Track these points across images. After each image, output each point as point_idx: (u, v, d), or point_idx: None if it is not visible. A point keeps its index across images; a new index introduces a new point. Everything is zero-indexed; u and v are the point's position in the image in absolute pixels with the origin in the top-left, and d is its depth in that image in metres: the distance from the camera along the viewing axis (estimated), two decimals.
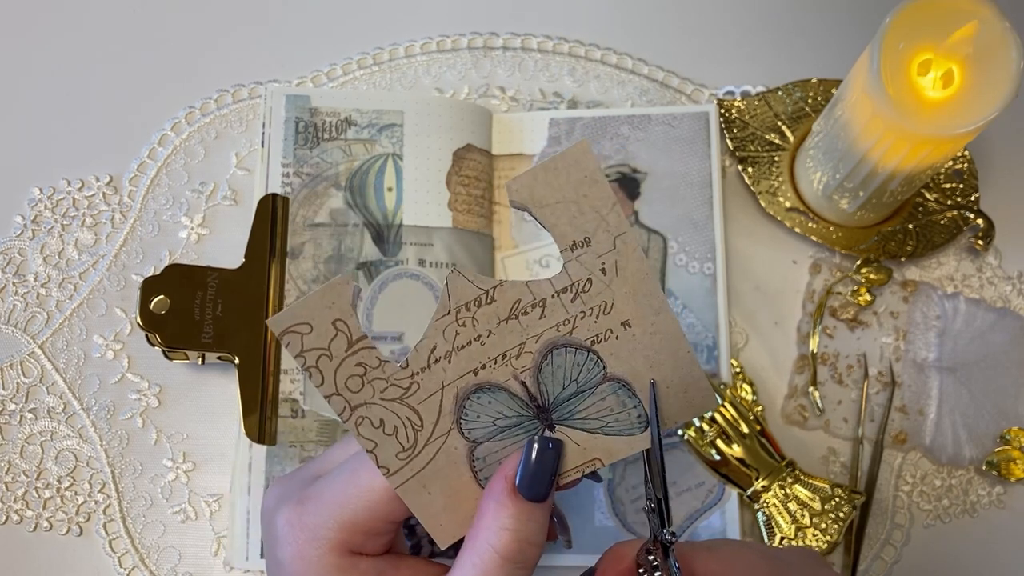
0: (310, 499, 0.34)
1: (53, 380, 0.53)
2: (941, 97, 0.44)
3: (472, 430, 0.34)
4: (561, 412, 0.35)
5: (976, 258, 0.55)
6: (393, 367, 0.33)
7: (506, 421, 0.34)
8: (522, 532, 0.33)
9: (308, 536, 0.34)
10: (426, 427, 0.33)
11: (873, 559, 0.51)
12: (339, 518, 0.34)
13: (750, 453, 0.50)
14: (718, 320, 0.52)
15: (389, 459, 0.33)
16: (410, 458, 0.33)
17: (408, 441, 0.33)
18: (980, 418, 0.52)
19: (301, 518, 0.34)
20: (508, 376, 0.34)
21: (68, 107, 0.58)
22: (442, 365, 0.33)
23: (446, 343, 0.33)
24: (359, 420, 0.33)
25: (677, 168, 0.55)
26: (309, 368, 0.32)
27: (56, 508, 0.51)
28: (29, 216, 0.55)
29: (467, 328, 0.33)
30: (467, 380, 0.33)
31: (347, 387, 0.33)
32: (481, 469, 0.34)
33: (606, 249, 0.33)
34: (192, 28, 0.59)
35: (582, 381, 0.34)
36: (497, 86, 0.58)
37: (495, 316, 0.33)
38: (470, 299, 0.33)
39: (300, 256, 0.51)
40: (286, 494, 0.36)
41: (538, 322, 0.34)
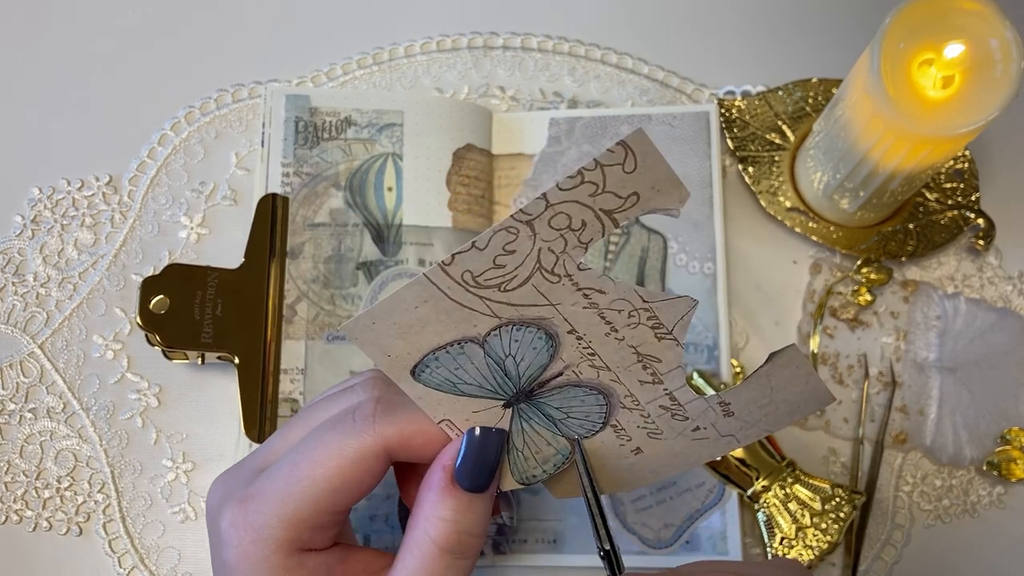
0: (252, 497, 0.33)
1: (53, 380, 0.53)
2: (942, 97, 0.44)
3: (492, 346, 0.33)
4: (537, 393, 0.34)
5: (977, 258, 0.55)
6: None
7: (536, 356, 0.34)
8: (461, 523, 0.32)
9: (252, 536, 0.33)
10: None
11: (873, 559, 0.51)
12: (282, 515, 0.32)
13: (750, 453, 0.50)
14: (718, 320, 0.52)
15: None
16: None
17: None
18: (981, 418, 0.52)
19: (245, 518, 0.33)
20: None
21: (68, 107, 0.58)
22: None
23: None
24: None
25: (677, 168, 0.54)
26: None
27: (56, 508, 0.51)
28: (29, 216, 0.55)
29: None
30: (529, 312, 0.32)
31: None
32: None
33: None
34: (192, 28, 0.59)
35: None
36: (497, 86, 0.58)
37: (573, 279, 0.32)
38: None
39: (300, 256, 0.51)
40: (229, 491, 0.34)
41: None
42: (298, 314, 0.50)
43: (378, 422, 0.33)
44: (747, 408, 0.34)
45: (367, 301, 0.51)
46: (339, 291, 0.51)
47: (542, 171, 0.55)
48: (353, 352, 0.50)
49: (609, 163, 0.28)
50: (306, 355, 0.50)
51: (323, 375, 0.50)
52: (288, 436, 0.35)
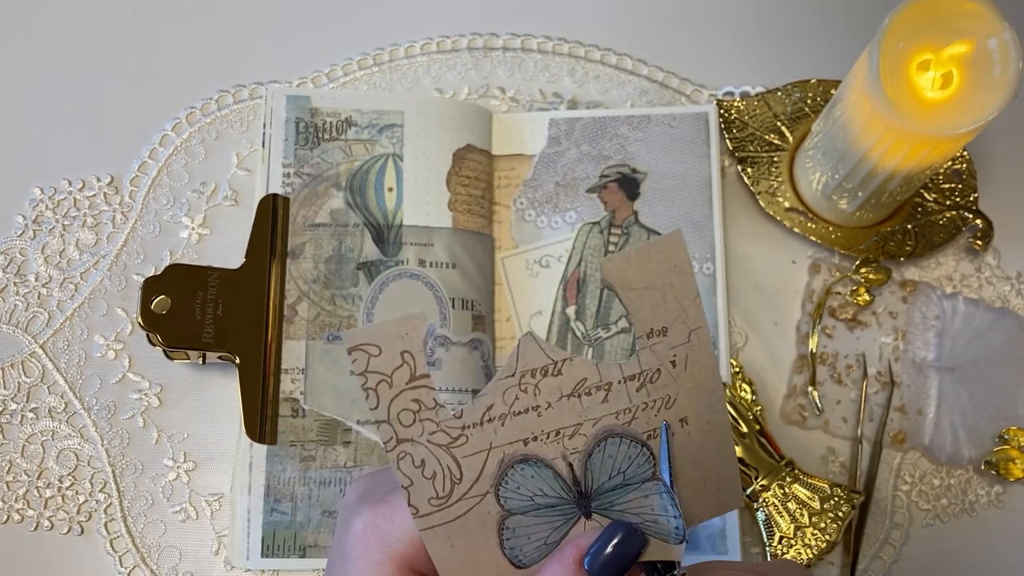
0: (390, 505, 0.34)
1: (54, 380, 0.53)
2: (940, 98, 0.44)
3: (509, 499, 0.33)
4: (601, 502, 0.34)
5: (975, 258, 0.55)
6: (447, 413, 0.32)
7: (545, 499, 0.33)
8: None
9: (379, 540, 0.33)
10: (464, 482, 0.33)
11: (872, 558, 0.51)
12: (412, 534, 0.33)
13: (749, 453, 0.50)
14: (717, 320, 0.52)
15: (421, 501, 0.32)
16: (441, 507, 0.33)
17: (443, 490, 0.32)
18: (979, 418, 0.52)
19: (377, 521, 0.34)
20: (557, 454, 0.33)
21: (69, 107, 0.58)
22: (495, 426, 0.32)
23: (504, 405, 0.32)
24: (401, 455, 0.32)
25: (677, 168, 0.55)
26: (367, 389, 0.31)
27: (57, 507, 0.51)
28: (30, 216, 0.55)
29: (528, 395, 0.32)
30: (516, 448, 0.33)
31: (399, 419, 0.32)
32: (508, 539, 0.33)
33: (680, 341, 0.33)
34: (193, 28, 0.59)
35: (630, 475, 0.34)
36: (497, 86, 0.58)
37: (558, 390, 0.33)
38: (537, 367, 0.32)
39: (301, 256, 0.51)
40: (371, 492, 0.35)
41: (600, 405, 0.33)
42: (299, 314, 0.51)
43: None
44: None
45: (368, 301, 0.51)
46: (340, 291, 0.51)
47: (542, 171, 0.55)
48: None
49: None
50: (307, 355, 0.50)
51: (324, 375, 0.50)
52: None
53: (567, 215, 0.54)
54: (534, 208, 0.55)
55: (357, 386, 0.49)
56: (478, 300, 0.52)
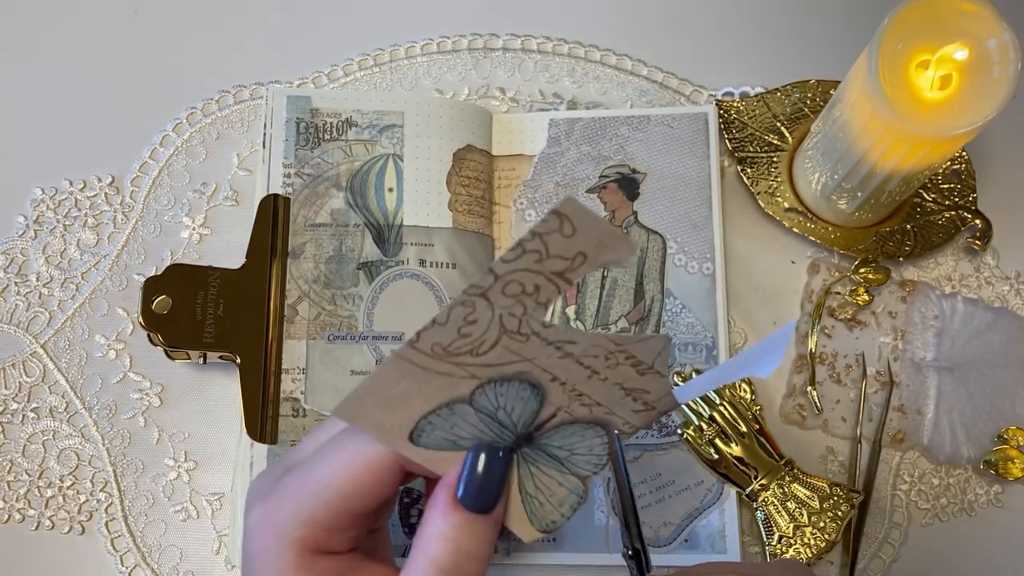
0: (276, 494, 0.34)
1: (55, 379, 0.53)
2: (939, 98, 0.44)
3: (481, 398, 0.33)
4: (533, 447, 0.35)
5: (974, 258, 0.55)
6: (538, 315, 0.31)
7: (504, 420, 0.34)
8: (461, 543, 0.32)
9: (272, 531, 0.33)
10: (474, 361, 0.32)
11: (871, 558, 0.51)
12: (298, 514, 0.33)
13: (749, 452, 0.50)
14: (717, 320, 0.52)
15: (430, 340, 0.31)
16: (435, 357, 0.32)
17: (454, 348, 0.32)
18: (978, 417, 0.52)
19: (267, 514, 0.34)
20: (560, 402, 0.34)
21: (70, 108, 0.58)
22: (542, 347, 0.32)
23: (560, 345, 0.32)
24: (470, 299, 0.31)
25: (676, 168, 0.55)
26: (536, 235, 0.30)
27: (58, 507, 0.51)
28: (31, 216, 0.55)
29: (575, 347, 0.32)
30: (535, 372, 0.33)
31: (506, 286, 0.31)
32: (438, 416, 0.34)
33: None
34: (193, 29, 0.59)
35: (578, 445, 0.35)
36: (497, 87, 0.58)
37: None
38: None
39: (301, 256, 0.52)
40: (260, 489, 0.35)
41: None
42: (299, 314, 0.51)
43: None
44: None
45: (368, 301, 0.51)
46: (340, 291, 0.51)
47: (542, 172, 0.55)
48: (354, 352, 0.50)
49: (546, 231, 0.29)
50: (307, 355, 0.50)
51: (324, 375, 0.50)
52: (317, 437, 0.36)
53: None
54: (534, 208, 0.55)
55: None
56: None
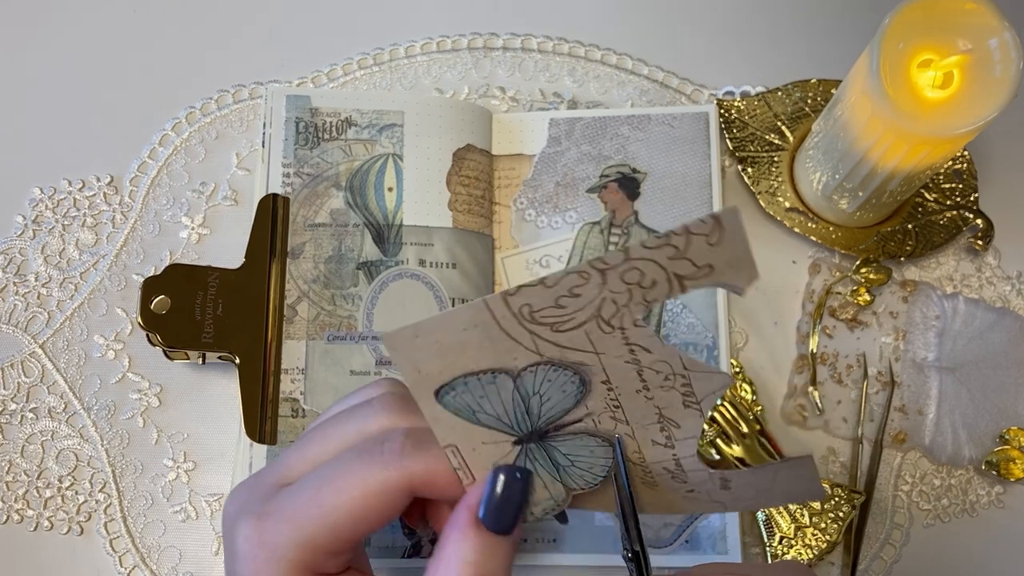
0: (271, 515, 0.33)
1: (54, 380, 0.53)
2: (940, 97, 0.44)
3: (526, 379, 0.33)
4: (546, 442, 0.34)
5: (975, 258, 0.55)
6: (631, 314, 0.31)
7: (546, 408, 0.34)
8: (485, 566, 0.32)
9: (267, 555, 0.32)
10: (534, 333, 0.32)
11: (872, 559, 0.51)
12: (299, 539, 0.32)
13: (750, 453, 0.50)
14: (717, 320, 0.52)
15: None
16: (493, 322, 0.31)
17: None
18: (979, 418, 0.52)
19: (261, 535, 0.33)
20: (599, 407, 0.34)
21: (69, 107, 0.58)
22: (612, 339, 0.32)
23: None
24: (572, 277, 0.30)
25: (677, 168, 0.55)
26: (674, 234, 0.29)
27: (57, 508, 0.51)
28: (30, 216, 0.55)
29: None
30: (589, 362, 0.32)
31: (606, 280, 0.30)
32: (469, 383, 0.33)
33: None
34: (192, 28, 0.59)
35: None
36: (497, 86, 0.58)
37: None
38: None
39: (300, 256, 0.51)
40: (247, 505, 0.34)
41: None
42: (299, 314, 0.51)
43: (406, 458, 0.33)
44: (745, 488, 0.35)
45: (368, 301, 0.51)
46: (340, 291, 0.51)
47: (542, 171, 0.55)
48: (353, 352, 0.50)
49: (697, 232, 0.28)
50: (307, 355, 0.50)
51: (323, 375, 0.50)
52: (305, 452, 0.35)
53: (567, 215, 0.54)
54: (534, 208, 0.55)
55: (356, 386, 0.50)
56: None
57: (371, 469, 0.33)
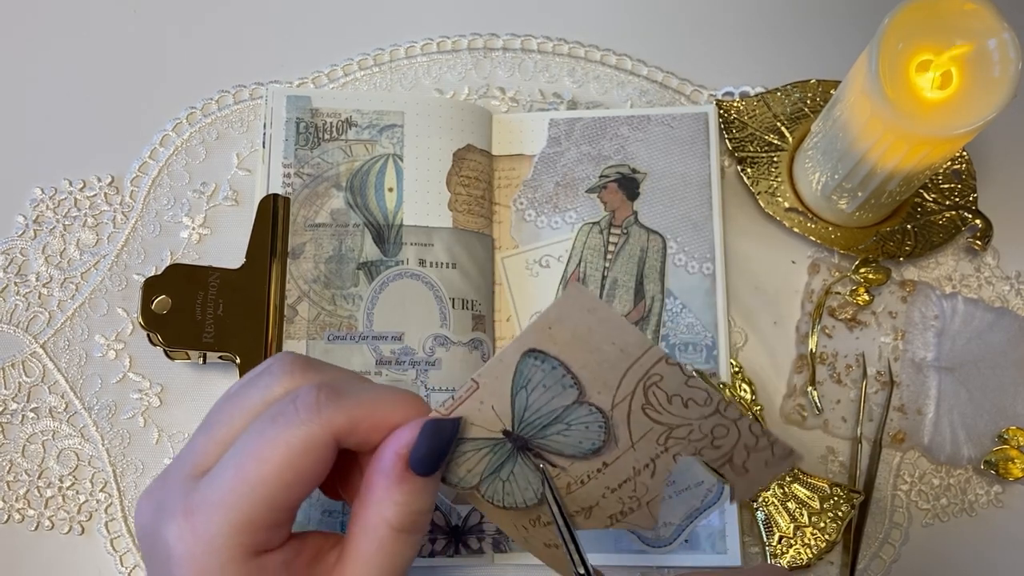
0: (198, 507, 0.31)
1: (55, 380, 0.53)
2: (939, 98, 0.44)
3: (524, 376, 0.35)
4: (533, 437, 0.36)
5: (974, 258, 0.55)
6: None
7: (542, 403, 0.36)
8: (414, 505, 0.33)
9: (204, 548, 0.31)
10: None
11: (872, 558, 0.51)
12: (234, 521, 0.31)
13: None
14: (717, 320, 0.52)
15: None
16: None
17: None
18: (978, 417, 0.52)
19: (194, 530, 0.31)
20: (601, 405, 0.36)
21: (70, 107, 0.58)
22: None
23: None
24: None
25: (676, 168, 0.55)
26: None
27: (58, 507, 0.51)
28: (31, 216, 0.55)
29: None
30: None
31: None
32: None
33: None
34: (193, 29, 0.59)
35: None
36: (497, 87, 0.58)
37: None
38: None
39: (301, 256, 0.52)
40: (166, 505, 0.32)
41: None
42: (299, 314, 0.51)
43: (324, 409, 0.32)
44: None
45: (368, 301, 0.51)
46: (340, 291, 0.51)
47: (542, 171, 0.55)
48: (353, 352, 0.50)
49: (776, 455, 0.36)
50: (307, 354, 0.50)
51: None
52: (213, 435, 0.34)
53: (567, 215, 0.55)
54: (534, 208, 0.55)
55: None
56: (478, 300, 0.52)
57: (290, 429, 0.31)
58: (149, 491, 0.34)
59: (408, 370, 0.50)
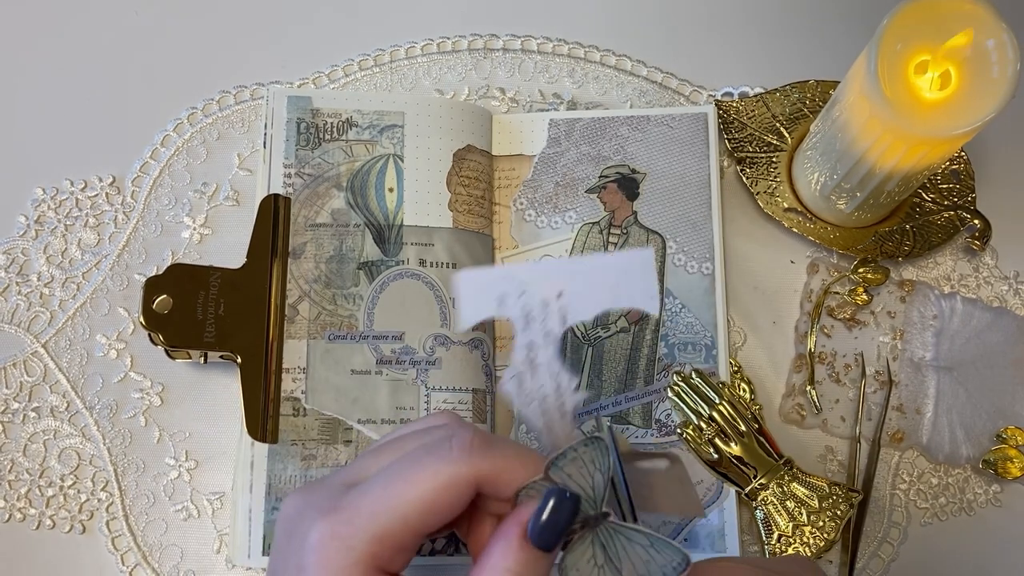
0: (344, 508, 0.34)
1: (56, 379, 0.53)
2: (938, 98, 0.44)
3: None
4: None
5: (973, 258, 0.55)
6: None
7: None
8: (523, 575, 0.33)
9: (339, 545, 0.33)
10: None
11: (870, 557, 0.51)
12: (373, 530, 0.33)
13: (748, 452, 0.50)
14: (716, 319, 0.53)
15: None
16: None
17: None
18: (977, 417, 0.52)
19: (334, 527, 0.33)
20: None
21: (71, 108, 0.58)
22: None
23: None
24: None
25: (676, 169, 0.55)
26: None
27: (59, 506, 0.51)
28: (32, 216, 0.55)
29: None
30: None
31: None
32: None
33: None
34: (194, 29, 0.59)
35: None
36: (497, 87, 0.58)
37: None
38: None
39: (302, 256, 0.52)
40: (315, 502, 0.35)
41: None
42: (300, 313, 0.51)
43: (475, 453, 0.34)
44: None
45: (368, 301, 0.51)
46: (341, 291, 0.51)
47: (542, 172, 0.55)
48: (354, 351, 0.50)
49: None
50: (308, 354, 0.50)
51: (324, 374, 0.50)
52: (379, 458, 0.36)
53: (567, 215, 0.55)
54: (534, 208, 0.55)
55: (357, 385, 0.50)
56: None
57: (441, 463, 0.34)
58: (302, 490, 0.36)
59: (408, 369, 0.50)
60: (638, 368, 0.52)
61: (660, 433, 0.51)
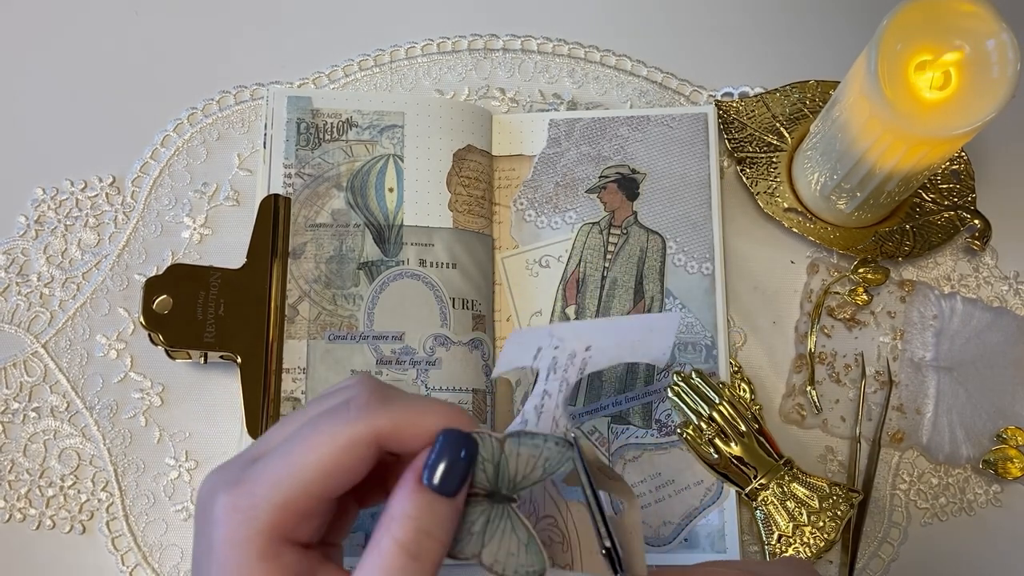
0: (246, 481, 0.33)
1: (56, 379, 0.53)
2: (938, 98, 0.44)
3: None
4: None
5: (973, 258, 0.55)
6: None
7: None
8: (423, 522, 0.32)
9: (240, 517, 0.33)
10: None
11: (871, 557, 0.51)
12: (272, 498, 0.33)
13: (748, 452, 0.50)
14: (716, 320, 0.53)
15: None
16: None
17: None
18: (977, 417, 0.52)
19: (236, 500, 0.33)
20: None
21: (71, 108, 0.58)
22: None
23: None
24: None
25: (676, 169, 0.55)
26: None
27: (59, 506, 0.51)
28: (32, 216, 0.55)
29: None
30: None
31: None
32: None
33: None
34: (194, 30, 0.59)
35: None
36: (497, 87, 0.58)
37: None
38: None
39: (302, 256, 0.52)
40: (223, 478, 0.35)
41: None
42: (300, 314, 0.51)
43: (371, 410, 0.34)
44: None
45: (368, 301, 0.51)
46: (341, 291, 0.51)
47: (542, 172, 0.55)
48: (354, 351, 0.50)
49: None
50: (308, 354, 0.50)
51: (325, 374, 0.50)
52: (284, 429, 0.36)
53: (567, 215, 0.55)
54: (534, 208, 0.55)
55: None
56: (478, 300, 0.52)
57: (337, 424, 0.33)
58: (214, 471, 0.36)
59: (408, 369, 0.50)
60: (638, 368, 0.52)
61: (660, 433, 0.51)
